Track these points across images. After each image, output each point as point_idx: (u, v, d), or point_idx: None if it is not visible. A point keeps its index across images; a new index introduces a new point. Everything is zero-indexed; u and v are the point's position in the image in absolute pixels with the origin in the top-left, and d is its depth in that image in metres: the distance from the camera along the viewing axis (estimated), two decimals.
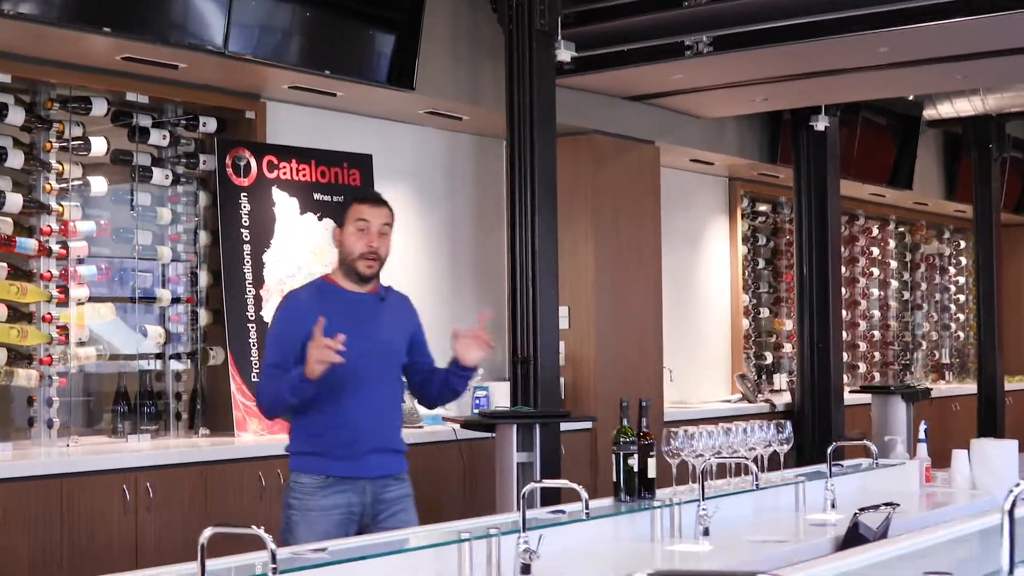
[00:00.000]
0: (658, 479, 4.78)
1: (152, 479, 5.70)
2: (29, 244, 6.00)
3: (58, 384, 6.06)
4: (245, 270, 6.70)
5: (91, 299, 6.22)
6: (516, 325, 6.84)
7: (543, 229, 6.86)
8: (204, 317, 6.70)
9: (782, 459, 5.29)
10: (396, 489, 4.50)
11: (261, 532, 3.00)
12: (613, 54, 7.59)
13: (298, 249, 6.95)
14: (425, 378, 4.76)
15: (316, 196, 7.09)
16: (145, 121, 6.52)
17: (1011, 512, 2.65)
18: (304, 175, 7.06)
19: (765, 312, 11.08)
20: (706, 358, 10.40)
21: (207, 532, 3.05)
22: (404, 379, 4.78)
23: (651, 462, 4.72)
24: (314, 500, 4.32)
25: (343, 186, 7.22)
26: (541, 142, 6.89)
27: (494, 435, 6.41)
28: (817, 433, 9.18)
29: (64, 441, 6.03)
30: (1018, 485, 2.69)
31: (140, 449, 6.05)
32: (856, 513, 4.60)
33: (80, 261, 6.19)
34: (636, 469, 4.64)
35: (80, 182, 6.21)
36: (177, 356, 6.62)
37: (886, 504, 4.70)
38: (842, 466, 5.90)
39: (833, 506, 5.10)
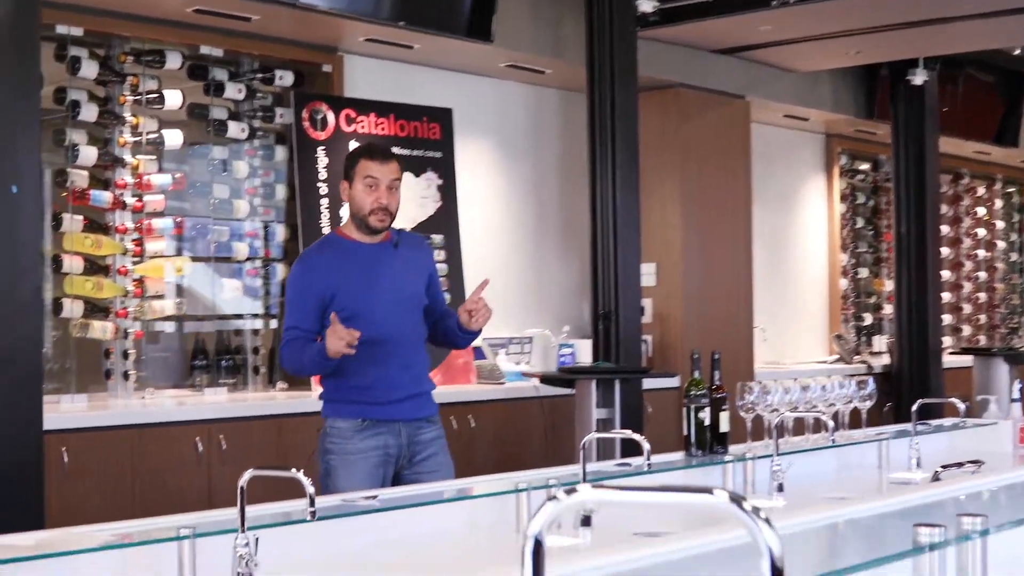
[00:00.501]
0: (733, 436, 4.66)
1: (226, 431, 5.68)
2: (103, 197, 6.00)
3: (134, 337, 6.05)
4: (322, 224, 6.64)
5: (166, 253, 6.20)
6: (598, 281, 6.72)
7: (624, 184, 6.71)
8: (281, 272, 6.66)
9: (864, 416, 5.10)
10: (430, 431, 4.54)
11: (300, 475, 2.92)
12: (697, 5, 7.41)
13: None
14: (434, 322, 4.66)
15: (395, 150, 6.97)
16: (221, 75, 6.48)
17: None
18: (383, 129, 6.98)
19: (864, 272, 10.81)
20: (802, 318, 10.18)
21: (246, 475, 2.97)
22: None
23: (723, 416, 4.57)
24: (352, 443, 4.36)
25: (423, 140, 7.13)
26: (622, 96, 6.73)
27: (574, 391, 6.31)
28: (915, 395, 8.91)
29: (140, 394, 6.03)
30: None
31: (217, 402, 6.03)
32: (937, 470, 4.42)
33: (156, 215, 6.17)
34: (707, 423, 4.50)
35: (155, 135, 6.18)
36: (254, 311, 6.59)
37: (971, 462, 4.51)
38: (929, 424, 5.70)
39: (918, 465, 4.91)
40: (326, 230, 6.64)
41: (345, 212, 6.67)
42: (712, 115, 8.32)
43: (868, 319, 10.74)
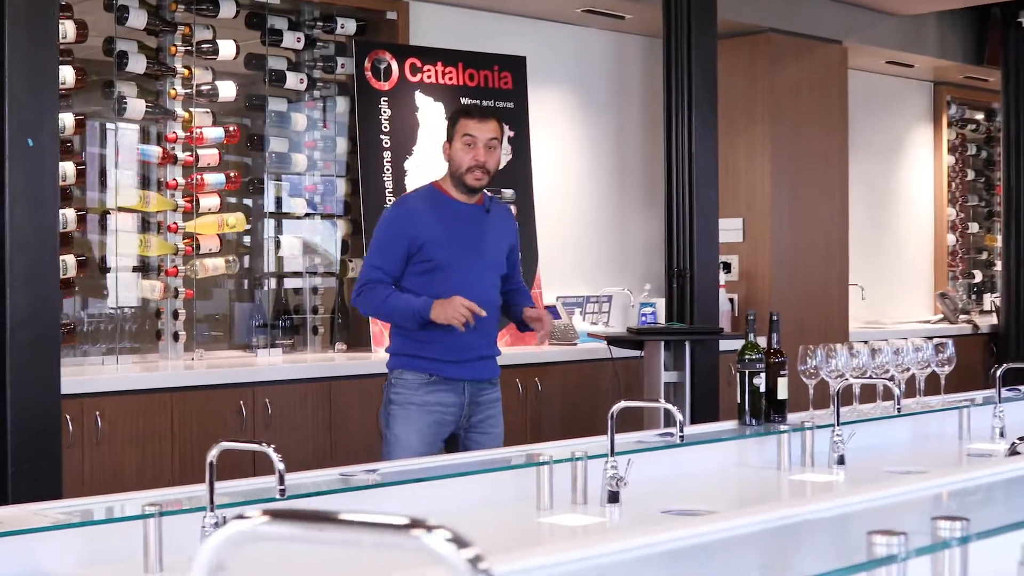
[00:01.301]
0: (795, 404, 4.34)
1: (272, 395, 5.47)
2: (152, 151, 5.81)
3: (184, 296, 5.87)
4: (385, 179, 6.39)
5: (219, 210, 6.00)
6: (672, 237, 6.36)
7: (701, 133, 6.33)
8: (342, 228, 6.43)
9: (942, 382, 4.72)
10: (490, 392, 4.58)
11: (270, 451, 2.71)
12: None
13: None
14: (506, 291, 4.74)
15: (464, 100, 6.71)
16: (279, 24, 6.24)
17: None
18: (451, 78, 6.69)
19: (975, 227, 10.27)
20: (905, 276, 9.70)
21: (214, 449, 2.77)
22: None
23: (781, 382, 4.23)
24: (417, 395, 4.42)
25: (494, 90, 6.82)
26: (700, 39, 6.35)
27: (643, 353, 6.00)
28: (1021, 357, 8.41)
29: (190, 355, 5.84)
30: None
31: (267, 364, 5.82)
32: (1015, 442, 4.03)
33: (209, 170, 5.97)
34: (763, 390, 4.17)
35: (208, 87, 5.97)
36: (314, 269, 6.37)
37: None
38: (1021, 391, 5.28)
39: (1002, 435, 4.54)
40: (389, 185, 6.39)
41: (410, 165, 6.43)
42: (806, 61, 7.87)
43: (979, 276, 10.20)
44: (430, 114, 6.58)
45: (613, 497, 3.32)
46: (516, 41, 7.13)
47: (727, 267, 7.72)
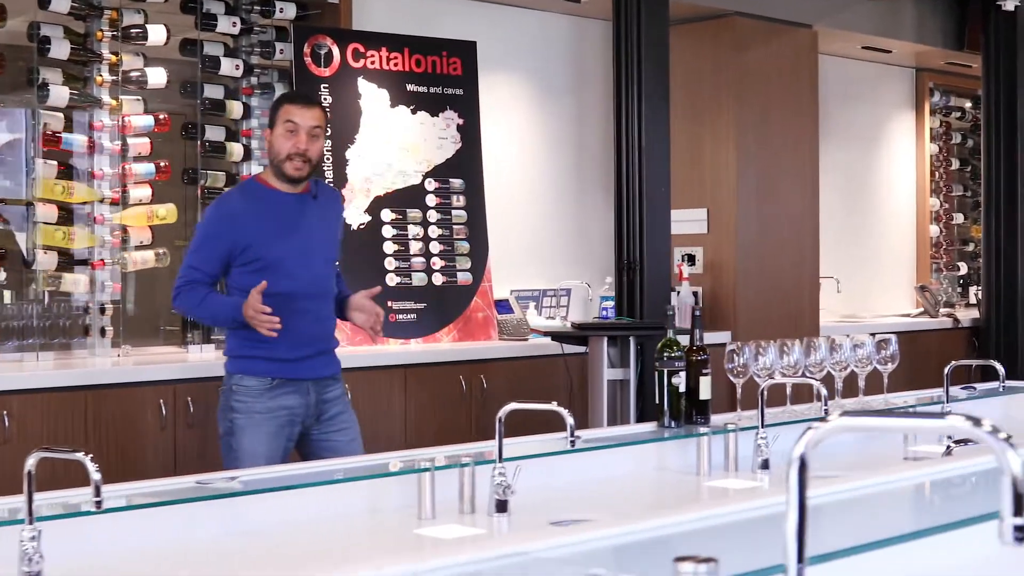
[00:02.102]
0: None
1: (195, 392, 5.25)
2: (76, 140, 5.59)
3: (111, 290, 5.66)
4: (326, 168, 6.16)
5: (149, 201, 5.77)
6: (622, 228, 6.13)
7: (652, 123, 6.11)
8: None
9: (885, 381, 4.48)
10: (335, 388, 4.43)
11: (87, 460, 2.51)
12: None
13: (388, 145, 6.37)
14: None
15: (410, 87, 6.49)
16: (216, 8, 6.01)
17: None
18: (396, 64, 6.46)
19: (960, 218, 10.00)
20: (885, 268, 9.44)
21: (31, 458, 2.58)
22: None
23: (704, 381, 4.00)
24: (260, 402, 4.26)
25: (443, 76, 6.59)
26: (650, 23, 6.12)
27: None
28: (1001, 353, 8.15)
29: (117, 352, 5.63)
30: None
31: (201, 360, 5.61)
32: (951, 444, 3.81)
33: (139, 159, 5.75)
34: (683, 389, 3.93)
35: (138, 73, 5.75)
36: None
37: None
38: (975, 389, 5.05)
39: (951, 438, 4.31)
40: (329, 175, 6.17)
41: (352, 154, 6.21)
42: (773, 46, 7.62)
43: (964, 268, 9.94)
44: (373, 102, 6.35)
45: (501, 506, 3.10)
46: (467, 26, 6.90)
47: (691, 259, 7.48)
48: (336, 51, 6.26)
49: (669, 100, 6.19)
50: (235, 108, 6.06)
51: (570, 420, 3.17)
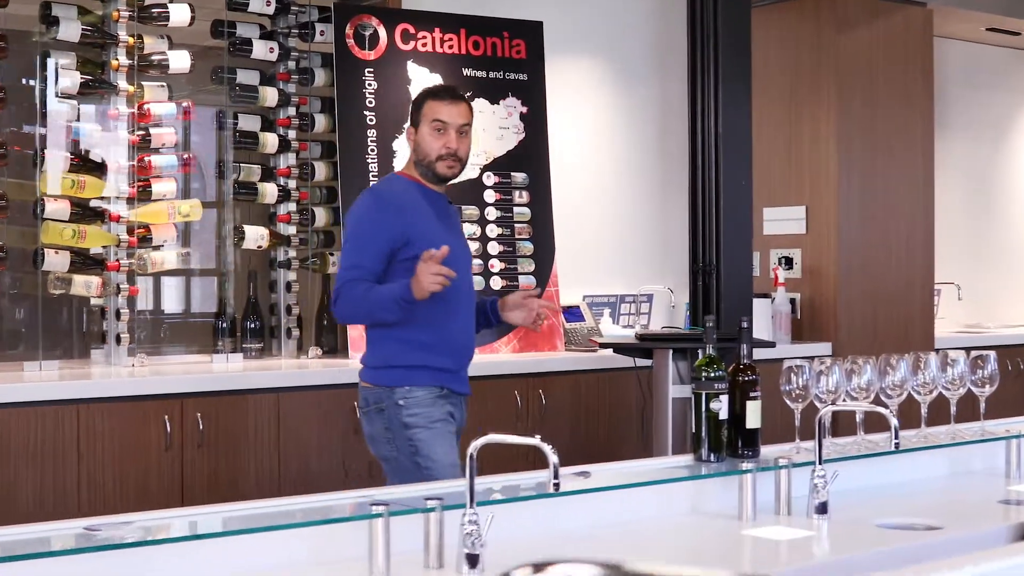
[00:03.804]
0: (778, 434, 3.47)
1: (206, 407, 4.71)
2: (88, 130, 5.10)
3: (127, 293, 5.16)
4: (369, 160, 5.60)
5: (173, 196, 5.26)
6: (697, 228, 5.44)
7: (731, 105, 5.40)
8: (322, 216, 5.65)
9: (982, 406, 3.76)
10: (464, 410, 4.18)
11: None
12: None
13: None
14: None
15: (467, 72, 5.89)
16: None
17: None
18: (451, 47, 5.86)
19: None
20: (1014, 273, 8.56)
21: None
22: None
23: (752, 407, 3.33)
24: (436, 411, 3.99)
25: (504, 60, 5.98)
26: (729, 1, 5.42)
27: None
28: None
29: (133, 361, 5.13)
30: None
31: (217, 371, 5.07)
32: None
33: (160, 151, 5.24)
34: (723, 416, 3.27)
35: (162, 57, 5.25)
36: (287, 262, 5.60)
37: None
38: None
39: None
40: (374, 167, 5.60)
41: (399, 145, 5.63)
42: (881, 26, 6.85)
43: None
44: (425, 86, 5.75)
45: (472, 561, 2.51)
46: (531, 4, 6.26)
47: (788, 262, 6.76)
48: (383, 32, 5.69)
49: (751, 84, 5.48)
50: (269, 95, 5.52)
51: (553, 459, 2.56)
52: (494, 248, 5.85)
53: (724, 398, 3.27)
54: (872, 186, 6.77)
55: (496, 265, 5.84)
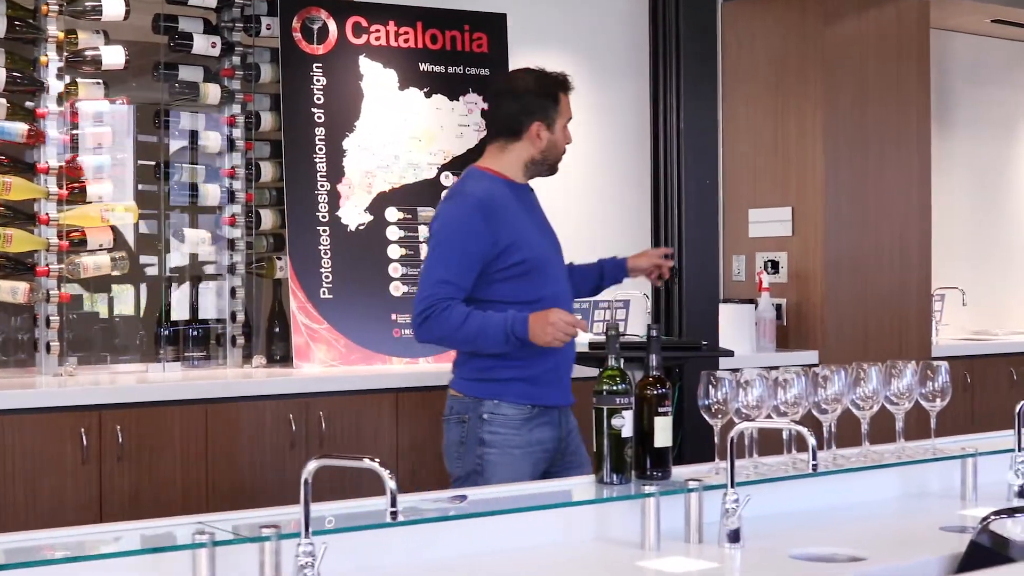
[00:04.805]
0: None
1: (126, 419, 4.46)
2: (14, 129, 4.86)
3: (57, 300, 4.92)
4: (317, 160, 5.34)
5: (109, 198, 5.02)
6: (659, 229, 5.14)
7: (694, 105, 5.11)
8: (268, 219, 5.39)
9: (933, 422, 3.44)
10: (572, 417, 3.95)
11: None
12: None
13: (397, 133, 5.51)
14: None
15: (424, 67, 5.62)
16: None
17: None
18: (406, 40, 5.59)
19: None
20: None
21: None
22: None
23: (661, 423, 3.03)
24: (518, 435, 3.76)
25: (464, 53, 5.70)
26: None
27: None
28: None
29: (63, 370, 4.89)
30: None
31: (162, 381, 4.82)
32: (987, 518, 2.75)
33: (94, 151, 5.00)
34: (626, 434, 2.97)
35: (95, 53, 5.01)
36: (231, 267, 5.35)
37: None
38: None
39: (1023, 495, 3.29)
40: (322, 167, 5.34)
41: (349, 144, 5.36)
42: (872, 18, 6.51)
43: None
44: (378, 84, 5.50)
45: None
46: None
47: (774, 266, 6.44)
48: (332, 25, 5.43)
49: (717, 80, 5.21)
50: (211, 92, 5.26)
51: (391, 484, 2.28)
52: None
53: (627, 414, 2.98)
54: (862, 186, 6.44)
55: None
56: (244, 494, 4.58)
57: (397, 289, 5.42)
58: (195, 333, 5.23)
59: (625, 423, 2.98)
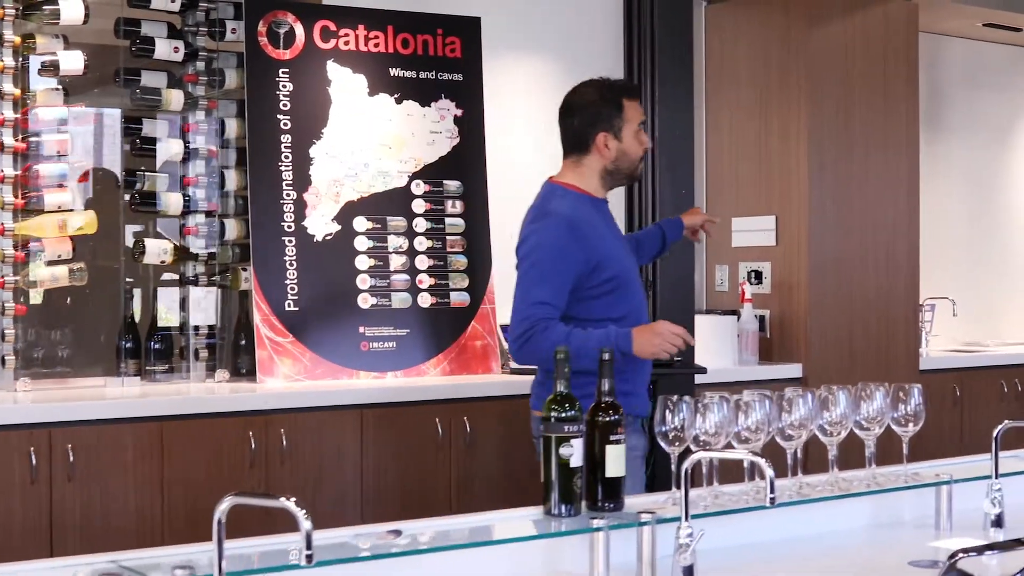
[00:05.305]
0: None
1: (78, 438, 4.31)
2: None
3: (13, 312, 4.77)
4: (283, 168, 5.19)
5: (69, 206, 4.87)
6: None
7: (669, 112, 4.95)
8: (234, 229, 5.23)
9: (905, 448, 3.28)
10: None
11: None
12: None
13: (366, 141, 5.36)
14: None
15: (394, 72, 5.46)
16: None
17: None
18: (376, 45, 5.44)
19: None
20: (1022, 287, 8.01)
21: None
22: None
23: (612, 452, 2.87)
24: (629, 440, 3.48)
25: (437, 58, 5.55)
26: None
27: None
28: None
29: (18, 385, 4.73)
30: None
31: (121, 396, 4.67)
32: (955, 555, 2.59)
33: (51, 158, 4.85)
34: (575, 464, 2.81)
35: (52, 58, 4.86)
36: (194, 279, 5.19)
37: None
38: None
39: (999, 525, 3.15)
40: (288, 175, 5.19)
41: (316, 152, 5.21)
42: (858, 21, 6.35)
43: None
44: (347, 89, 5.35)
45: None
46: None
47: (758, 276, 6.28)
48: (300, 29, 5.28)
49: (692, 87, 5.04)
50: (174, 98, 5.11)
51: (306, 525, 2.13)
52: (423, 263, 5.42)
53: (576, 443, 2.82)
54: (847, 194, 6.28)
55: (425, 281, 5.40)
56: (200, 515, 4.42)
57: (365, 301, 5.27)
58: (157, 347, 5.07)
59: (574, 452, 2.82)
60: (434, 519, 2.84)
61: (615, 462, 2.87)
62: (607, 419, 2.86)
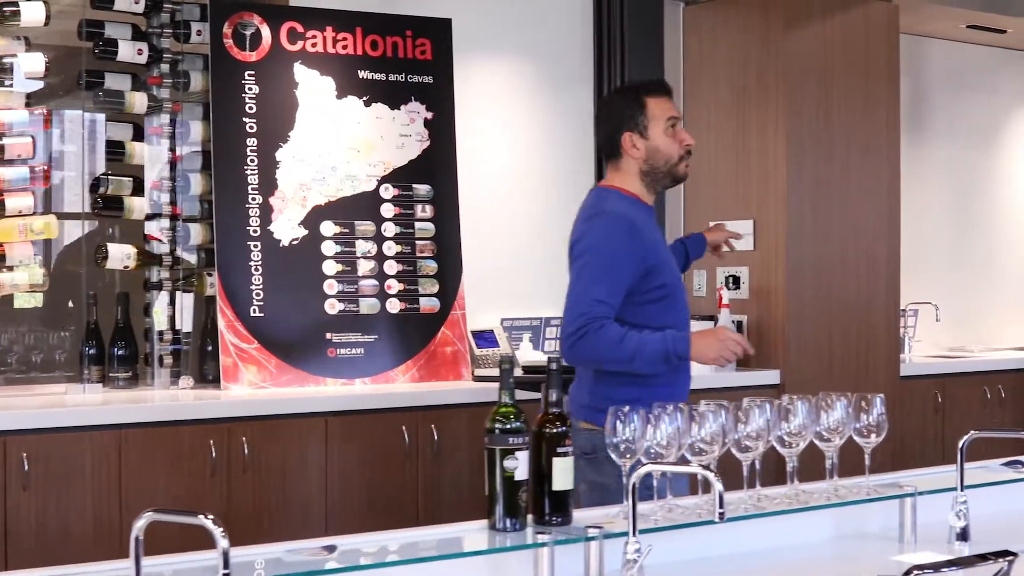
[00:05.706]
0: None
1: (36, 447, 4.23)
2: None
3: None
4: (248, 172, 5.10)
5: (29, 211, 4.79)
6: None
7: None
8: (198, 233, 5.15)
9: (867, 460, 3.19)
10: None
11: None
12: None
13: (334, 144, 5.28)
14: None
15: (363, 74, 5.38)
16: None
17: None
18: (345, 47, 5.36)
19: None
20: (1007, 290, 7.94)
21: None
22: None
23: (560, 464, 2.79)
24: None
25: (406, 60, 5.47)
26: None
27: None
28: None
29: None
30: None
31: (81, 404, 4.59)
32: (908, 572, 2.50)
33: (10, 162, 4.77)
34: (520, 477, 2.73)
35: (11, 59, 4.78)
36: (158, 284, 5.11)
37: (995, 554, 2.58)
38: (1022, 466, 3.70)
39: (964, 538, 3.07)
40: (254, 179, 5.11)
41: (282, 155, 5.13)
42: (837, 23, 6.27)
43: None
44: (314, 92, 5.26)
45: None
46: (440, 1, 5.74)
47: (735, 281, 6.20)
48: (266, 31, 5.20)
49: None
50: (138, 101, 5.03)
51: (223, 543, 2.05)
52: (392, 268, 5.33)
53: (521, 455, 2.74)
54: (826, 198, 6.20)
55: (394, 286, 5.32)
56: (158, 526, 4.33)
57: (333, 307, 5.18)
58: (121, 353, 4.99)
59: (519, 464, 2.74)
60: (371, 534, 2.77)
61: (563, 475, 2.79)
62: (554, 431, 2.78)
